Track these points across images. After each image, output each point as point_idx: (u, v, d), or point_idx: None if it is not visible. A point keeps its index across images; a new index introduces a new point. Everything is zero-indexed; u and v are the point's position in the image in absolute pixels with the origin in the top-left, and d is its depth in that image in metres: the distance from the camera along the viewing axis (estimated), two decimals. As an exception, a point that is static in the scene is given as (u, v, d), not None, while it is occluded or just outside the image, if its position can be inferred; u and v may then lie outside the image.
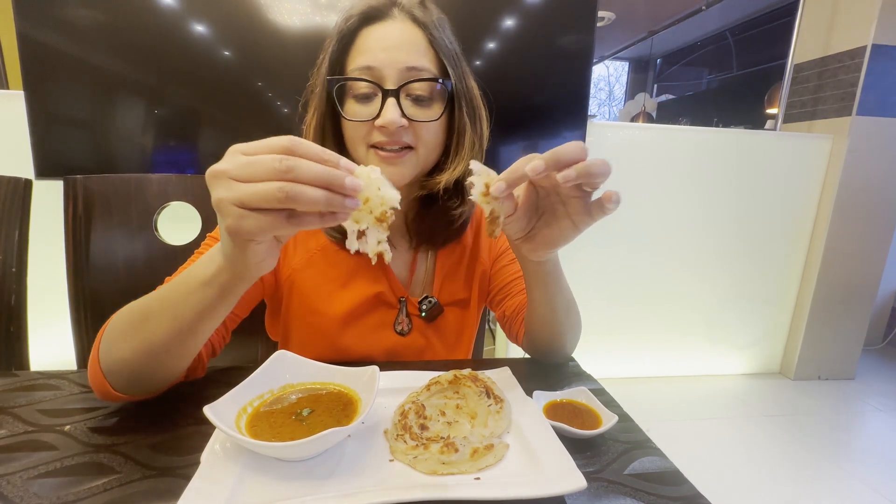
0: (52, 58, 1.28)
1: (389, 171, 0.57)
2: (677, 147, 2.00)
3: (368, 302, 0.64)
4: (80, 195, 0.90)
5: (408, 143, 0.57)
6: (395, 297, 0.66)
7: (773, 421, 1.90)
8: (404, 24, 0.56)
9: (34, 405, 0.48)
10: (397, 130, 0.55)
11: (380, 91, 0.54)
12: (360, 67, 0.55)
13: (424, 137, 0.57)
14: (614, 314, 2.10)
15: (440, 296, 0.67)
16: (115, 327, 0.47)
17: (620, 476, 0.41)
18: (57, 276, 0.94)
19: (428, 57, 0.56)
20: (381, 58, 0.54)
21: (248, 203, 0.33)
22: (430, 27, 0.56)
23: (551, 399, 0.50)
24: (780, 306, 2.24)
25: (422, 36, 0.56)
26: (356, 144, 0.58)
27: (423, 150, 0.58)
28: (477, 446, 0.41)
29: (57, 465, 0.39)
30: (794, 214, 2.13)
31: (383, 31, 0.55)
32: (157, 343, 0.44)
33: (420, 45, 0.56)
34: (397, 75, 0.54)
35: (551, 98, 1.61)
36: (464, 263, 0.70)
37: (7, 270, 0.84)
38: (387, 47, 0.54)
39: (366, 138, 0.57)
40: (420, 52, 0.56)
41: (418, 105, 0.56)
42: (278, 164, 0.33)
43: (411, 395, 0.50)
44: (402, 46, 0.55)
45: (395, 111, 0.54)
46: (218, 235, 0.59)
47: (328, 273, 0.64)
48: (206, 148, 1.42)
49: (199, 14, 1.32)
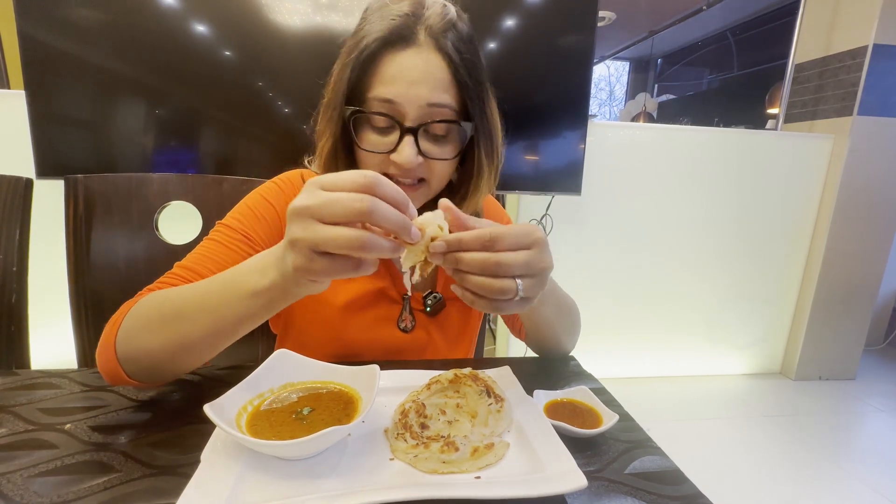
0: (53, 57, 1.28)
1: None
2: (679, 147, 1.99)
3: (371, 295, 0.64)
4: (81, 194, 0.90)
5: (421, 177, 0.57)
6: (398, 294, 0.66)
7: (774, 421, 1.90)
8: (429, 55, 0.53)
9: (35, 404, 0.48)
10: (412, 167, 0.55)
11: (398, 126, 0.53)
12: (381, 99, 0.53)
13: (437, 172, 0.57)
14: (614, 314, 2.10)
15: (444, 290, 0.68)
16: (140, 317, 0.48)
17: (621, 475, 0.41)
18: (57, 275, 0.94)
19: (450, 92, 0.54)
20: (402, 92, 0.52)
21: (323, 247, 0.35)
22: (454, 59, 0.53)
23: (552, 398, 0.50)
24: (781, 306, 2.23)
25: (446, 69, 0.53)
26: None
27: (435, 183, 0.59)
28: (477, 445, 0.41)
29: (57, 463, 0.39)
30: (794, 214, 2.12)
31: (406, 60, 0.52)
32: (190, 341, 0.45)
33: (443, 80, 0.53)
34: (417, 112, 0.53)
35: (552, 98, 1.60)
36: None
37: (8, 270, 0.84)
38: (409, 81, 0.52)
39: (379, 167, 0.56)
40: (442, 87, 0.53)
41: (435, 143, 0.56)
42: (359, 205, 0.34)
43: (412, 394, 0.50)
44: (425, 81, 0.52)
45: (412, 150, 0.53)
46: (232, 223, 0.60)
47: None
48: (207, 148, 1.42)
49: (200, 14, 1.32)
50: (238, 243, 0.58)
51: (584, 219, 1.97)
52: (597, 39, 1.57)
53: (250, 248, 0.58)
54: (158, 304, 0.48)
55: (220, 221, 0.61)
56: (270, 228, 0.61)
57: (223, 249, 0.57)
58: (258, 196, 0.63)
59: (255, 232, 0.59)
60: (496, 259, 0.39)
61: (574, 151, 1.65)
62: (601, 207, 1.97)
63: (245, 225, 0.59)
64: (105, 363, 0.48)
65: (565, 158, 1.67)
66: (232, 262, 0.54)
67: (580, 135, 1.64)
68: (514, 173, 1.65)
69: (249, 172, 1.37)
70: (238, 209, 0.62)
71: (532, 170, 1.66)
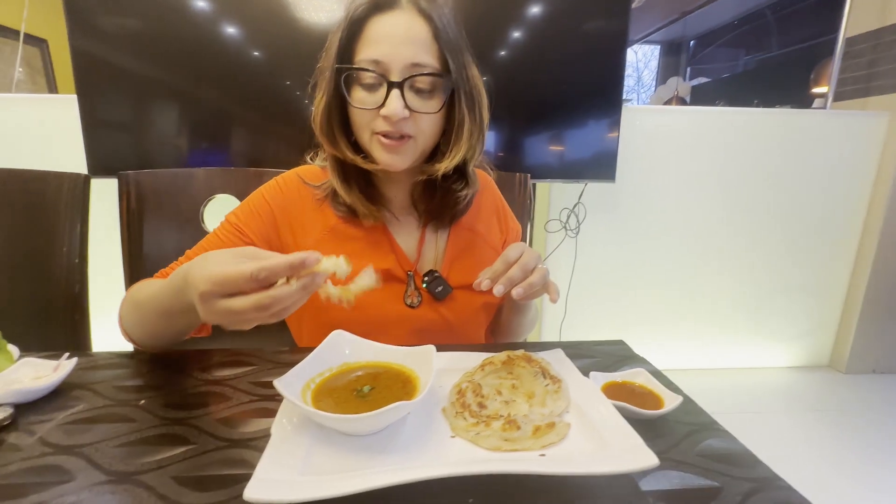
0: (100, 64, 1.36)
1: (391, 157, 0.61)
2: (718, 130, 1.91)
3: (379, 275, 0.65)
4: (133, 190, 0.94)
5: (408, 133, 0.60)
6: (403, 272, 0.67)
7: (824, 416, 1.81)
8: (411, 17, 0.58)
9: (109, 382, 0.51)
10: (399, 120, 0.58)
11: (385, 82, 0.57)
12: (368, 59, 0.58)
13: (423, 127, 0.61)
14: (652, 304, 2.05)
15: (449, 276, 0.68)
16: (126, 299, 0.59)
17: (690, 456, 0.40)
18: (110, 267, 0.99)
19: (431, 52, 0.59)
20: (388, 52, 0.57)
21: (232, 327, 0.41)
22: (434, 20, 0.59)
23: (610, 379, 0.49)
24: (830, 296, 2.12)
25: (427, 29, 0.58)
26: (361, 130, 0.62)
27: (421, 139, 0.62)
28: (538, 424, 0.41)
29: (137, 435, 0.41)
30: (845, 197, 2.00)
31: (391, 23, 0.58)
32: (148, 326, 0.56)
33: (425, 40, 0.58)
34: (402, 69, 0.58)
35: (585, 84, 1.56)
36: (476, 249, 0.73)
37: (71, 262, 0.89)
38: (393, 42, 0.57)
39: (370, 125, 0.61)
40: (424, 48, 0.58)
41: (420, 97, 0.60)
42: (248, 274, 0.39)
43: (466, 375, 0.50)
44: (408, 41, 0.58)
45: (399, 102, 0.57)
46: (232, 218, 0.66)
47: (338, 249, 0.65)
48: (238, 146, 1.48)
49: (231, 19, 1.38)
50: (231, 237, 0.65)
51: (618, 207, 1.92)
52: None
53: (242, 241, 0.65)
54: (134, 292, 0.58)
55: (227, 215, 0.68)
56: (264, 224, 0.67)
57: (218, 242, 0.65)
58: (259, 193, 0.69)
59: (248, 227, 0.66)
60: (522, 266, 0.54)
61: (608, 138, 1.61)
62: (636, 195, 1.92)
63: (241, 220, 0.66)
64: (121, 330, 0.60)
65: (598, 145, 1.62)
66: None
67: (614, 120, 1.59)
68: (545, 161, 1.62)
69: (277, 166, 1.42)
70: (242, 204, 0.69)
71: (564, 158, 1.63)
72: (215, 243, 0.65)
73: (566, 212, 1.86)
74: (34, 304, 0.90)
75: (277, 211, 0.67)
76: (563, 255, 1.90)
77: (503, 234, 0.78)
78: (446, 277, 0.68)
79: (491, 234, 0.76)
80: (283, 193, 0.68)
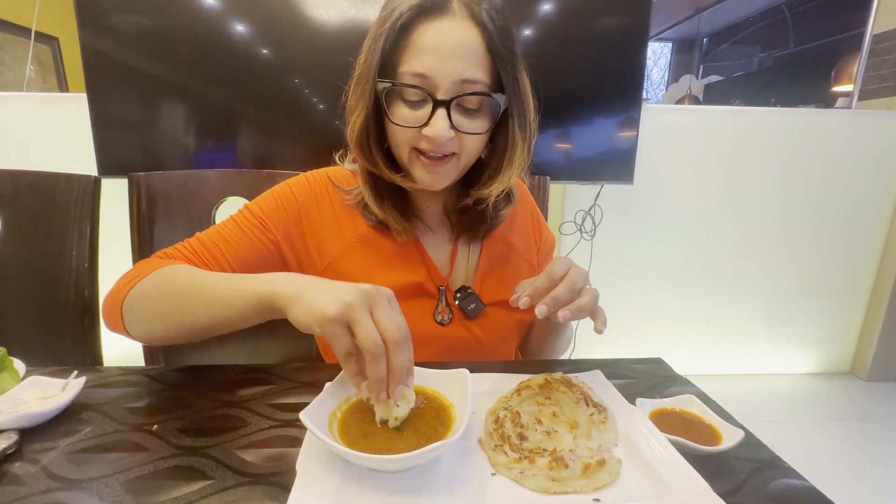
0: (110, 64, 1.33)
1: (432, 178, 0.57)
2: (737, 130, 1.85)
3: (408, 289, 0.62)
4: (144, 191, 0.91)
5: (452, 151, 0.56)
6: (434, 286, 0.63)
7: (846, 425, 1.76)
8: (462, 24, 0.52)
9: (120, 402, 0.48)
10: (444, 141, 0.53)
11: (431, 99, 0.52)
12: (413, 73, 0.52)
13: (468, 145, 0.56)
14: (670, 308, 2.00)
15: (482, 292, 0.64)
16: (150, 286, 0.52)
17: (759, 501, 0.36)
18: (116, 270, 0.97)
19: (482, 65, 0.53)
20: (435, 66, 0.51)
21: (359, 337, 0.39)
22: (489, 28, 0.52)
23: (659, 406, 0.45)
24: (852, 301, 2.05)
25: (480, 39, 0.52)
26: (400, 147, 0.57)
27: (464, 157, 0.57)
28: (588, 461, 0.37)
29: (150, 468, 0.38)
30: (870, 200, 1.93)
31: (440, 31, 0.51)
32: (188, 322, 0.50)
33: (476, 51, 0.52)
34: (450, 86, 0.52)
35: (603, 83, 1.52)
36: (511, 263, 0.68)
37: (80, 266, 0.87)
38: (442, 54, 0.51)
39: (410, 142, 0.56)
40: (475, 61, 0.52)
41: (467, 116, 0.54)
42: (376, 347, 0.38)
43: (501, 400, 0.46)
44: (458, 54, 0.51)
45: (445, 123, 0.52)
46: (254, 209, 0.62)
47: (368, 259, 0.63)
48: (245, 146, 1.45)
49: (242, 17, 1.35)
50: (253, 228, 0.60)
51: (636, 209, 1.87)
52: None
53: (264, 234, 0.60)
54: (169, 280, 0.52)
55: (247, 204, 0.64)
56: (287, 220, 0.62)
57: (237, 231, 0.60)
58: (286, 187, 0.64)
59: (271, 220, 0.61)
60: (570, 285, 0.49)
61: (625, 138, 1.56)
62: (654, 196, 1.86)
63: (265, 212, 0.62)
64: (109, 313, 0.54)
65: (616, 146, 1.58)
66: (243, 245, 0.59)
67: (633, 121, 1.54)
68: (561, 162, 1.58)
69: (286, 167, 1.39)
70: (265, 196, 0.64)
71: (581, 158, 1.58)
72: (235, 232, 0.60)
73: (581, 214, 1.82)
74: (43, 309, 0.87)
75: (303, 208, 0.63)
76: (577, 258, 1.85)
77: (537, 244, 0.74)
78: (479, 293, 0.64)
79: (526, 246, 0.71)
80: (311, 190, 0.64)
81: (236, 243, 0.59)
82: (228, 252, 0.59)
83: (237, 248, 0.59)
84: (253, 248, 0.60)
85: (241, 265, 0.59)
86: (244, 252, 0.59)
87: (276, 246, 0.61)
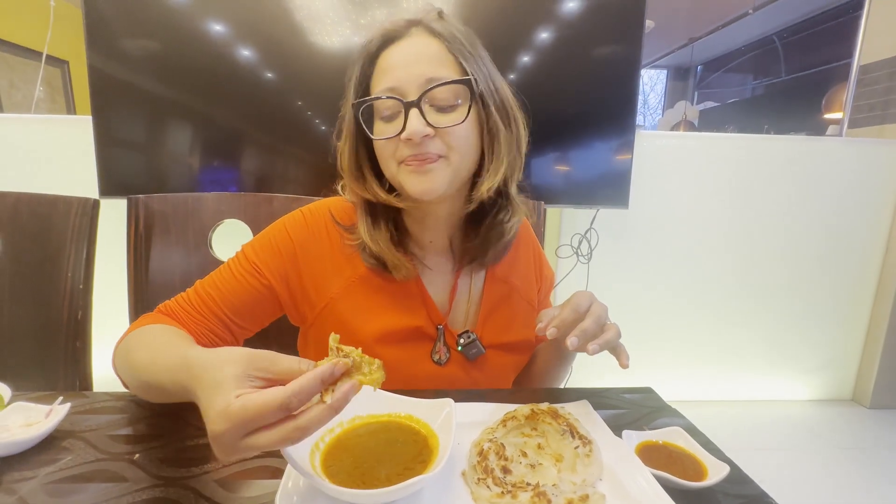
0: (116, 86, 1.36)
1: (421, 181, 0.54)
2: (731, 156, 1.88)
3: (406, 332, 0.61)
4: (142, 213, 0.92)
5: (438, 153, 0.55)
6: (433, 326, 0.62)
7: (849, 454, 1.72)
8: (421, 39, 0.55)
9: (103, 430, 0.48)
10: (423, 141, 0.53)
11: (402, 105, 0.53)
12: (384, 89, 0.54)
13: (454, 144, 0.55)
14: (665, 333, 1.99)
15: (483, 334, 0.64)
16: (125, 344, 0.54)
17: (744, 540, 0.35)
18: (114, 292, 0.97)
19: (447, 65, 0.55)
20: (401, 75, 0.54)
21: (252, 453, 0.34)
22: (447, 37, 0.55)
23: (644, 439, 0.45)
24: (852, 327, 2.04)
25: (440, 45, 0.55)
26: (387, 163, 0.57)
27: (455, 157, 0.55)
28: (571, 497, 0.37)
29: (127, 500, 0.38)
30: (864, 226, 1.95)
31: (402, 49, 0.55)
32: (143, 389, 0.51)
33: (439, 55, 0.55)
34: (417, 88, 0.53)
35: (597, 109, 1.55)
36: (511, 305, 0.67)
37: (75, 287, 0.87)
38: (406, 64, 0.54)
39: (395, 155, 0.56)
40: (438, 61, 0.54)
41: (442, 112, 0.55)
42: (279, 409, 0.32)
43: (486, 432, 0.46)
44: (421, 59, 0.54)
45: (419, 121, 0.52)
46: (249, 253, 0.62)
47: (367, 300, 0.62)
48: (248, 166, 1.47)
49: (246, 42, 1.39)
50: (246, 275, 0.60)
51: (631, 233, 1.89)
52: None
53: (257, 279, 0.60)
54: (130, 348, 0.53)
55: (244, 245, 0.63)
56: (284, 263, 0.61)
57: (231, 279, 0.60)
58: (282, 227, 0.63)
59: (265, 264, 0.61)
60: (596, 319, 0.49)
61: (621, 163, 1.59)
62: (649, 221, 1.88)
63: (259, 256, 0.61)
64: (113, 367, 0.55)
65: (611, 170, 1.60)
66: (236, 293, 0.60)
67: (627, 146, 1.57)
68: (557, 187, 1.60)
69: (287, 189, 1.40)
70: (261, 236, 0.63)
71: (576, 183, 1.61)
72: (229, 279, 0.60)
73: (577, 237, 1.83)
74: (35, 330, 0.87)
75: (300, 248, 0.61)
76: (574, 281, 1.86)
77: (538, 283, 0.72)
78: (479, 335, 0.63)
79: (527, 286, 0.70)
80: (308, 229, 0.63)
81: (229, 292, 0.59)
82: (222, 301, 0.59)
83: (230, 296, 0.59)
84: (246, 294, 0.60)
85: (236, 313, 0.59)
86: (237, 300, 0.59)
87: (269, 290, 0.61)
